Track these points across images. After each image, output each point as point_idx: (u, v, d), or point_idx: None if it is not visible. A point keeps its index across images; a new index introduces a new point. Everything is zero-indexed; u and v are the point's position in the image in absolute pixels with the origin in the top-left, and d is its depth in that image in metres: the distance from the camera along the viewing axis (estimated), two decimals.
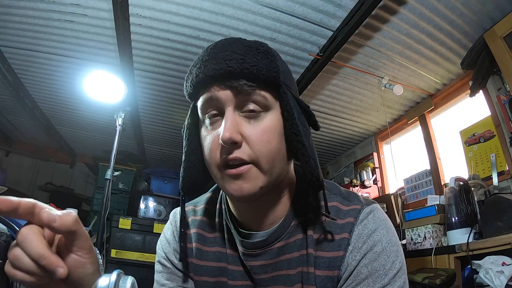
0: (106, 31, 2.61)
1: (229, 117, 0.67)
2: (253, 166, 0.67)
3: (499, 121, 2.59)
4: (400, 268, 0.70)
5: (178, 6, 2.37)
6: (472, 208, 2.23)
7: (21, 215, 0.48)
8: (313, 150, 0.70)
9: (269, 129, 0.68)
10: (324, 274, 0.71)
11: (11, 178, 4.59)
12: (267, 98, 0.69)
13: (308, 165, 0.68)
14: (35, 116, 3.94)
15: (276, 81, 0.69)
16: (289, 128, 0.69)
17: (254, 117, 0.68)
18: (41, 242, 0.48)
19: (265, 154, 0.67)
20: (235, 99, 0.67)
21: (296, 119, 0.68)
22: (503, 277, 1.80)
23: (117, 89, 2.67)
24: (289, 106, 0.69)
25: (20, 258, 0.48)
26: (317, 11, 2.36)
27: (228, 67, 0.66)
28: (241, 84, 0.66)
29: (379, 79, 3.03)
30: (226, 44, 0.70)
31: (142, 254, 3.22)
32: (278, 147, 0.69)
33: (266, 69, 0.67)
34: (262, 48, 0.69)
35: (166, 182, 4.72)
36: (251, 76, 0.66)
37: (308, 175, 0.69)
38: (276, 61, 0.69)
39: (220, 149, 0.68)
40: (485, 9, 2.35)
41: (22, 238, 0.48)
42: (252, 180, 0.67)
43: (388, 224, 0.74)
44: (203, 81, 0.68)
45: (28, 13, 2.49)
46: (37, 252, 0.47)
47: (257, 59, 0.67)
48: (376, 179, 3.90)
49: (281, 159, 0.71)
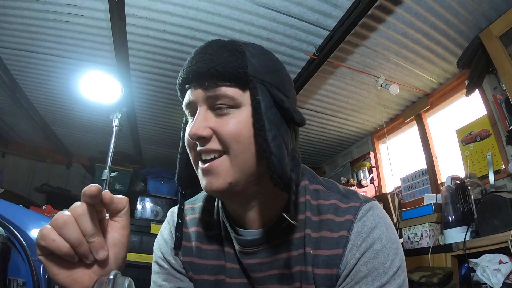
0: (102, 31, 2.60)
1: (198, 114, 0.70)
2: (225, 158, 0.69)
3: (495, 120, 2.60)
4: (400, 266, 0.69)
5: (174, 6, 2.37)
6: (468, 206, 2.23)
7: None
8: (279, 146, 0.66)
9: (238, 123, 0.69)
10: (323, 272, 0.71)
11: (8, 179, 4.56)
12: (234, 95, 0.69)
13: (269, 161, 0.65)
14: (31, 117, 3.92)
15: (243, 77, 0.69)
16: (254, 123, 0.69)
17: (224, 113, 0.70)
18: (96, 222, 0.52)
19: (234, 148, 0.68)
20: (205, 99, 0.70)
21: (261, 114, 0.67)
22: (500, 275, 1.80)
23: (113, 90, 2.67)
24: (256, 101, 0.68)
25: (70, 226, 0.50)
26: (313, 11, 2.37)
27: (197, 68, 0.69)
28: (208, 84, 0.69)
29: (375, 78, 3.04)
30: (204, 47, 0.73)
31: (139, 255, 3.21)
32: (248, 141, 0.69)
33: (231, 66, 0.68)
34: (231, 46, 0.71)
35: (163, 183, 4.70)
36: (217, 74, 0.68)
37: (269, 171, 0.65)
38: (243, 57, 0.69)
39: (193, 145, 0.72)
40: (481, 8, 2.36)
41: (80, 212, 0.51)
42: (221, 175, 0.69)
43: (388, 221, 0.74)
44: (182, 83, 0.74)
45: (23, 13, 2.47)
46: (91, 229, 0.51)
47: (223, 57, 0.68)
48: (373, 178, 3.90)
49: (252, 154, 0.70)
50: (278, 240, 0.76)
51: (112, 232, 0.57)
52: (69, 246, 0.49)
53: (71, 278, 0.52)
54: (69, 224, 0.49)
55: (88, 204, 0.52)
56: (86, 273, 0.53)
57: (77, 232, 0.50)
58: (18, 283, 1.29)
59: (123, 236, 0.58)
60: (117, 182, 4.49)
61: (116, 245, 0.56)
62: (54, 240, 0.49)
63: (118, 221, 0.58)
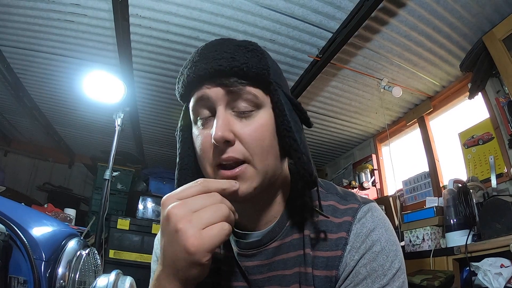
0: (106, 31, 2.61)
1: (220, 115, 0.67)
2: (248, 166, 0.67)
3: (498, 123, 2.59)
4: (399, 268, 0.69)
5: (178, 7, 2.37)
6: (470, 210, 2.23)
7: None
8: (306, 146, 0.70)
9: (261, 127, 0.68)
10: (322, 274, 0.70)
11: (10, 177, 4.58)
12: (258, 96, 0.69)
13: (301, 161, 0.68)
14: (34, 116, 3.94)
15: (266, 79, 0.69)
16: (281, 124, 0.69)
17: (246, 115, 0.68)
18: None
19: (258, 152, 0.67)
20: (226, 97, 0.67)
21: (287, 116, 0.68)
22: (501, 279, 1.80)
23: (116, 90, 2.67)
24: (280, 103, 0.69)
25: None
26: (317, 12, 2.37)
27: (218, 65, 0.66)
28: (232, 82, 0.67)
29: (378, 81, 3.04)
30: (215, 44, 0.71)
31: (141, 254, 3.22)
32: (270, 144, 0.69)
33: (256, 67, 0.67)
34: (251, 46, 0.70)
35: (164, 183, 4.70)
36: (241, 73, 0.67)
37: (301, 170, 0.68)
38: (265, 59, 0.69)
39: (213, 149, 0.68)
40: (484, 11, 2.36)
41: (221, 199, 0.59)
42: (247, 181, 0.67)
43: (387, 223, 0.74)
44: (194, 81, 0.69)
45: (27, 12, 2.48)
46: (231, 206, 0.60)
47: (247, 57, 0.67)
48: (374, 181, 3.90)
49: (275, 157, 0.70)
50: (277, 241, 0.75)
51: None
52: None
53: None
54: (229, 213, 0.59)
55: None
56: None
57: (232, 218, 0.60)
58: (19, 281, 1.29)
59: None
60: (119, 182, 4.50)
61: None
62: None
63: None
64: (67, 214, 2.89)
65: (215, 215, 0.55)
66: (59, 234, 1.53)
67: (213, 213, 0.55)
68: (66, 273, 1.38)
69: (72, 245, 1.50)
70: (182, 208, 0.55)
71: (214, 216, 0.55)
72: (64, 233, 1.57)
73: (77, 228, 2.52)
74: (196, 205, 0.56)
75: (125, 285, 0.46)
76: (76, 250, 1.50)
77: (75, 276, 1.41)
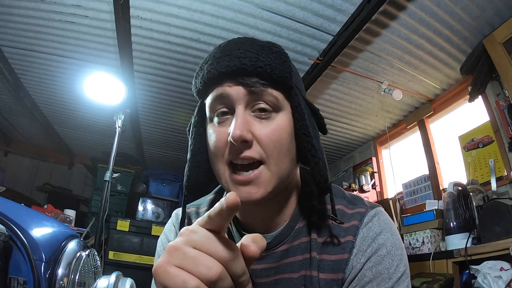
0: (107, 32, 2.62)
1: (240, 115, 0.66)
2: (264, 168, 0.66)
3: (498, 127, 2.59)
4: (404, 272, 0.69)
5: (179, 9, 2.38)
6: (470, 213, 2.23)
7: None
8: (323, 152, 0.70)
9: (280, 129, 0.68)
10: (328, 277, 0.70)
11: (10, 178, 4.57)
12: (279, 98, 0.68)
13: (318, 167, 0.68)
14: (34, 116, 3.94)
15: (288, 82, 0.69)
16: (300, 129, 0.69)
17: (265, 116, 0.68)
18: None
19: (275, 155, 0.67)
20: (246, 97, 0.67)
21: (306, 121, 0.69)
22: (501, 282, 1.80)
23: (117, 91, 2.68)
24: (300, 108, 0.69)
25: (225, 279, 0.40)
26: (318, 15, 2.37)
27: (241, 64, 0.65)
28: (254, 82, 0.66)
29: (378, 83, 3.04)
30: (239, 42, 0.70)
31: (140, 256, 3.21)
32: (288, 148, 0.69)
33: (279, 69, 0.67)
34: (275, 48, 0.70)
35: (164, 185, 4.71)
36: (264, 75, 0.66)
37: (318, 176, 0.68)
38: (289, 62, 0.69)
39: (228, 147, 0.66)
40: (485, 15, 2.36)
41: (230, 257, 0.41)
42: (262, 185, 0.66)
43: (393, 227, 0.74)
44: (215, 77, 0.68)
45: (29, 13, 2.49)
46: (241, 271, 0.41)
47: (270, 59, 0.67)
48: (374, 183, 3.89)
49: (291, 161, 0.70)
50: (286, 244, 0.75)
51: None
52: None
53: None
54: (223, 278, 0.40)
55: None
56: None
57: (230, 283, 0.41)
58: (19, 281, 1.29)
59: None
60: (119, 183, 4.51)
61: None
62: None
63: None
64: (67, 215, 2.89)
65: (196, 267, 0.39)
66: (59, 235, 1.53)
67: (194, 261, 0.40)
68: (66, 274, 1.38)
69: (72, 246, 1.50)
70: (180, 239, 0.43)
71: (193, 265, 0.40)
72: (64, 234, 1.57)
73: (77, 229, 2.53)
74: (196, 243, 0.41)
75: (126, 287, 0.45)
76: (76, 251, 1.50)
77: (75, 277, 1.41)
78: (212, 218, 0.42)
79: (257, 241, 0.43)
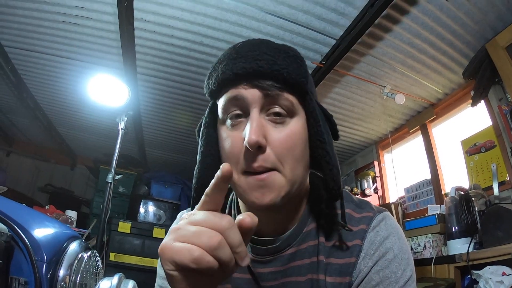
0: (111, 34, 2.63)
1: (255, 119, 0.64)
2: (277, 173, 0.65)
3: (500, 131, 2.59)
4: (411, 276, 0.70)
5: (183, 11, 2.39)
6: (472, 218, 2.22)
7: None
8: (336, 159, 0.70)
9: (294, 135, 0.67)
10: (335, 281, 0.70)
11: (11, 178, 4.59)
12: (294, 103, 0.68)
13: (332, 173, 0.68)
14: (37, 117, 3.95)
15: (304, 87, 0.68)
16: (314, 135, 0.69)
17: (280, 121, 0.67)
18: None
19: (289, 161, 0.66)
20: (262, 100, 0.65)
21: (321, 127, 0.69)
22: (503, 287, 1.79)
23: (120, 93, 2.69)
24: (315, 113, 0.69)
25: (224, 247, 0.45)
26: (321, 19, 2.38)
27: (258, 66, 0.64)
28: (270, 85, 0.65)
29: (381, 88, 3.04)
30: (255, 44, 0.69)
31: (141, 258, 3.21)
32: (302, 154, 0.68)
33: (295, 74, 0.66)
34: (292, 52, 0.70)
35: (166, 187, 4.71)
36: (280, 78, 0.65)
37: (331, 183, 0.68)
38: (305, 66, 0.70)
39: (243, 152, 0.65)
40: (487, 19, 2.36)
41: (228, 226, 0.45)
42: (275, 189, 0.65)
43: (400, 232, 0.74)
44: (230, 78, 0.66)
45: (33, 14, 2.50)
46: (238, 241, 0.46)
47: (287, 62, 0.66)
48: (376, 187, 3.89)
49: (304, 167, 0.70)
50: (293, 248, 0.75)
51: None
52: (219, 265, 0.45)
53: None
54: (223, 245, 0.44)
55: (227, 216, 0.47)
56: (209, 280, 0.48)
57: (229, 251, 0.45)
58: (20, 282, 1.29)
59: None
60: (120, 185, 4.51)
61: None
62: (208, 262, 0.44)
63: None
64: (68, 216, 2.89)
65: (198, 239, 0.45)
66: (61, 236, 1.53)
67: (195, 234, 0.45)
68: (67, 275, 1.38)
69: (74, 247, 1.50)
70: (182, 222, 0.48)
71: (195, 238, 0.45)
72: (66, 235, 1.57)
73: (78, 231, 2.53)
74: (196, 221, 0.47)
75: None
76: (78, 253, 1.50)
77: (76, 279, 1.41)
78: (209, 194, 0.48)
79: (251, 216, 0.48)
